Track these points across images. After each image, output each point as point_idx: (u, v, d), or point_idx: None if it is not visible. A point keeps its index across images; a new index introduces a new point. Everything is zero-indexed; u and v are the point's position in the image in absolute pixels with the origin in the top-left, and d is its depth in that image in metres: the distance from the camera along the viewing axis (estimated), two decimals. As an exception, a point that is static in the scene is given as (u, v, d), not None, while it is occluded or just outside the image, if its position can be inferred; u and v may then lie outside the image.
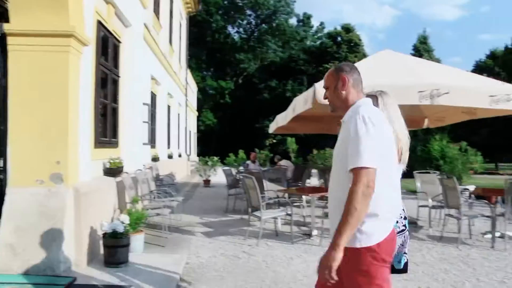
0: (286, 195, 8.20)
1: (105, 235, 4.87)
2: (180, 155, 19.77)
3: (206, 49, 46.94)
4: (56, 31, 4.62)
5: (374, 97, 2.82)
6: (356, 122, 2.08)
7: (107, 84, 6.62)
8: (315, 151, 19.73)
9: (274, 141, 38.76)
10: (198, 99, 33.28)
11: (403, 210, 3.11)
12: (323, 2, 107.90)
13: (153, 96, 12.22)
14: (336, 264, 1.99)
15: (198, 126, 36.05)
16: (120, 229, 4.82)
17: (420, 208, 8.06)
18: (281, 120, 9.30)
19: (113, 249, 4.81)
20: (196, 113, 31.88)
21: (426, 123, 9.87)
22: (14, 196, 4.54)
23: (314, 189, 8.04)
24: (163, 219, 6.76)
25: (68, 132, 4.66)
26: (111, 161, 6.27)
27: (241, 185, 9.57)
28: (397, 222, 2.89)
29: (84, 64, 5.20)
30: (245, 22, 51.00)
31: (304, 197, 8.50)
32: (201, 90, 40.40)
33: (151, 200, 7.36)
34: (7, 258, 4.30)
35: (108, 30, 6.55)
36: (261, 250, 6.04)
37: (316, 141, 28.29)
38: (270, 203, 7.48)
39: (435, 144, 18.17)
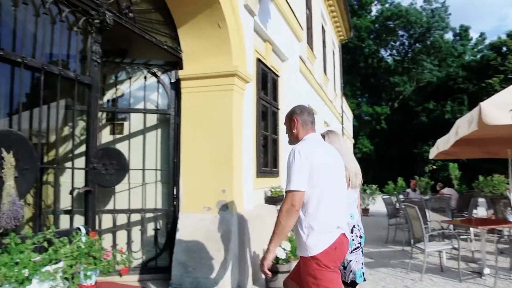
0: (451, 226, 7.54)
1: (267, 260, 5.08)
2: (336, 183, 19.67)
3: (360, 75, 46.53)
4: (221, 72, 5.13)
5: (323, 135, 3.53)
6: (290, 155, 2.68)
7: (267, 116, 7.01)
8: (481, 178, 17.70)
9: (434, 167, 35.76)
10: (354, 126, 33.00)
11: (358, 229, 3.45)
12: (483, 10, 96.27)
13: (310, 126, 12.47)
14: (267, 263, 2.67)
15: (354, 153, 35.37)
16: (282, 255, 4.99)
17: None
18: (442, 145, 8.65)
19: (274, 274, 4.98)
20: (353, 141, 31.55)
21: None
22: (185, 221, 5.06)
23: (483, 221, 7.21)
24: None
25: (232, 163, 5.06)
26: (272, 189, 6.58)
27: (401, 215, 9.12)
28: (353, 240, 3.31)
29: (246, 99, 5.62)
30: (397, 43, 49.19)
31: (472, 229, 7.67)
32: (357, 117, 39.94)
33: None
34: (180, 274, 4.82)
35: (266, 66, 6.98)
36: (425, 285, 5.61)
37: (481, 166, 25.61)
38: (433, 235, 6.96)
39: None
